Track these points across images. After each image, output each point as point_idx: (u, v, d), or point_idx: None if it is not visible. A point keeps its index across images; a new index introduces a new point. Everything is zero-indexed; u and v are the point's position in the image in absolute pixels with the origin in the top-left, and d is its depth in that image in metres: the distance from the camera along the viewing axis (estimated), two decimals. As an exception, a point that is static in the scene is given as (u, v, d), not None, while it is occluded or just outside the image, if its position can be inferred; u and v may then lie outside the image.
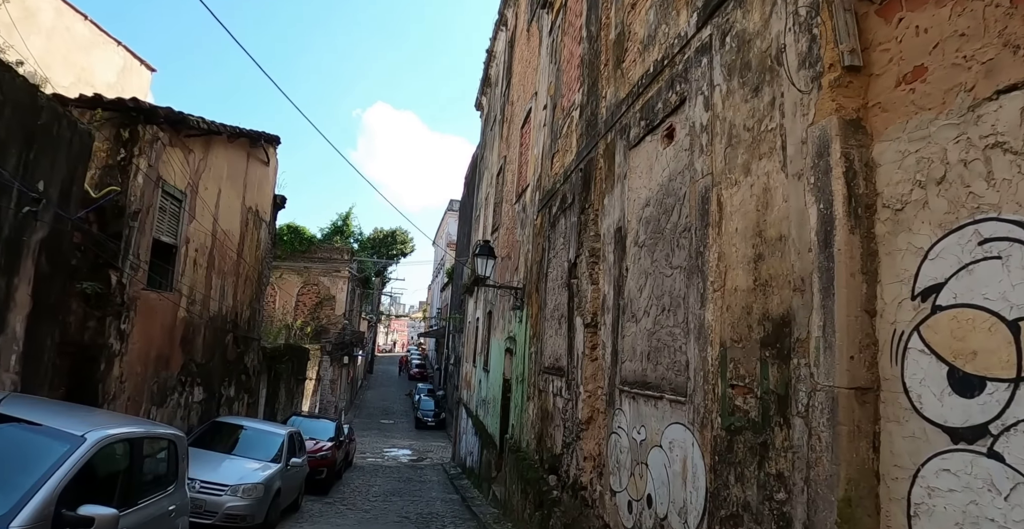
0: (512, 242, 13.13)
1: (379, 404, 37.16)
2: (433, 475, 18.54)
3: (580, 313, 6.83)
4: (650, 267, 4.98)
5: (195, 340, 9.76)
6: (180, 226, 9.04)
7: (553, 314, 8.22)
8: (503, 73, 18.47)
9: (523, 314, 10.59)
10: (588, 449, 6.25)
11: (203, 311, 10.06)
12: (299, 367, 18.92)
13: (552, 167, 9.56)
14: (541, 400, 8.52)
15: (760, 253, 3.46)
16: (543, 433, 8.27)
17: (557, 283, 8.16)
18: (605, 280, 6.17)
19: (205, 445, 8.76)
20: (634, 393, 5.00)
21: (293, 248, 29.19)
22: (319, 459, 12.97)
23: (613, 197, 6.14)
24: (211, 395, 10.69)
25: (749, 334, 3.46)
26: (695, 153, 4.35)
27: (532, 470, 8.45)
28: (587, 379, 6.37)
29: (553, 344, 8.07)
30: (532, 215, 10.81)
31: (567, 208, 7.94)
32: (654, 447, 4.52)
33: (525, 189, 12.16)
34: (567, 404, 7.09)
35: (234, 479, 7.72)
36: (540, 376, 8.68)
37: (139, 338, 7.89)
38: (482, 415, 15.72)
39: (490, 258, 10.74)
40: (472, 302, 21.39)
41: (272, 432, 9.58)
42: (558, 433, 7.45)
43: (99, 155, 7.61)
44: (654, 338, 4.74)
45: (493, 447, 12.91)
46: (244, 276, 12.19)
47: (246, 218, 12.06)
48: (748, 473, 3.34)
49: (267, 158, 13.18)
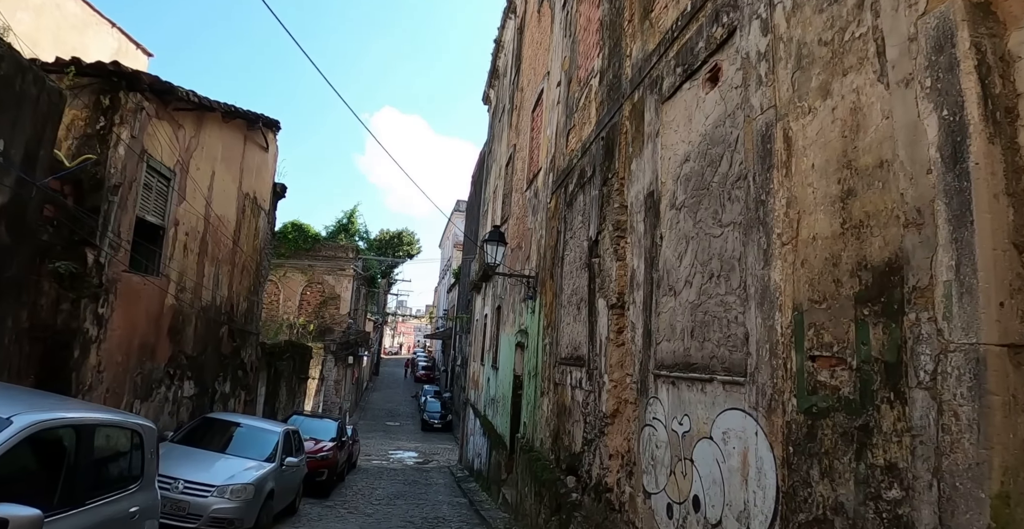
0: (523, 231, 12.46)
1: (385, 406, 36.49)
2: (439, 478, 17.85)
3: (603, 294, 6.13)
4: (692, 230, 4.28)
5: (185, 330, 9.11)
6: (168, 206, 8.41)
7: (571, 300, 7.52)
8: (512, 62, 17.92)
9: (536, 304, 9.90)
10: (614, 446, 5.54)
11: (194, 300, 9.42)
12: (301, 365, 18.27)
13: (567, 144, 8.89)
14: (557, 394, 7.81)
15: (850, 188, 2.75)
16: (559, 430, 7.56)
17: (575, 266, 7.47)
18: (633, 254, 5.47)
19: (193, 442, 8.10)
20: (674, 378, 4.30)
21: (297, 246, 28.63)
22: (319, 460, 12.29)
23: (642, 160, 5.45)
24: (203, 390, 10.04)
25: (837, 290, 2.75)
26: (750, 88, 3.66)
27: (547, 471, 7.73)
28: (612, 367, 5.66)
29: (571, 332, 7.37)
30: (545, 199, 10.14)
31: (586, 183, 7.26)
32: (702, 440, 3.81)
33: (537, 174, 11.50)
34: (588, 396, 6.38)
35: (222, 479, 7.04)
36: (556, 368, 7.97)
37: (120, 324, 7.25)
38: (491, 415, 15.01)
39: (500, 245, 10.04)
40: (480, 299, 20.73)
41: (267, 429, 8.90)
42: (577, 429, 6.74)
43: (77, 124, 7.00)
44: (699, 311, 4.04)
45: (503, 448, 12.20)
46: (241, 266, 11.56)
47: (243, 204, 11.44)
48: (840, 466, 2.63)
49: (266, 143, 12.58)
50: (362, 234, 31.57)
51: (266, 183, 12.84)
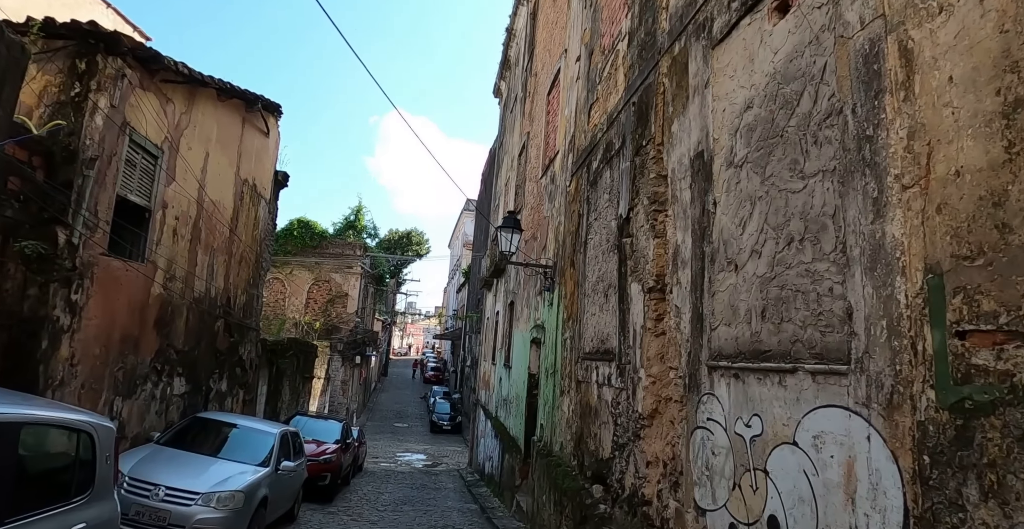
0: (538, 221, 11.71)
1: (393, 407, 35.81)
2: (449, 482, 17.12)
3: (637, 278, 5.37)
4: (759, 189, 3.51)
5: (175, 323, 8.43)
6: (155, 187, 7.73)
7: (596, 287, 6.76)
8: (524, 48, 17.26)
9: (554, 296, 9.14)
10: (653, 451, 4.77)
11: (186, 290, 8.74)
12: (305, 364, 17.60)
13: (589, 120, 8.15)
14: (580, 393, 7.05)
15: (1018, 98, 1.99)
16: (583, 433, 6.79)
17: (601, 249, 6.71)
18: (677, 227, 4.71)
19: (181, 445, 7.40)
20: (737, 370, 3.52)
21: (304, 243, 28.03)
22: (322, 463, 11.58)
23: (686, 119, 4.68)
24: (196, 388, 9.35)
25: (1003, 239, 1.98)
26: (843, 2, 2.90)
27: (569, 478, 6.96)
28: (650, 360, 4.90)
29: (597, 323, 6.60)
30: (563, 183, 9.39)
31: (613, 157, 6.50)
32: (781, 445, 3.04)
33: (553, 158, 10.76)
34: (619, 395, 5.62)
35: (207, 485, 6.32)
36: (578, 364, 7.21)
37: (97, 313, 6.56)
38: (503, 416, 14.25)
39: (516, 231, 9.29)
40: (491, 296, 20.00)
41: (262, 431, 8.19)
42: (606, 432, 5.98)
43: (50, 91, 6.33)
44: (772, 286, 3.27)
45: (516, 451, 11.43)
46: (239, 256, 10.89)
47: (241, 191, 10.77)
48: (1018, 483, 1.85)
49: (267, 128, 11.91)
50: (370, 231, 30.93)
51: (266, 170, 12.18)
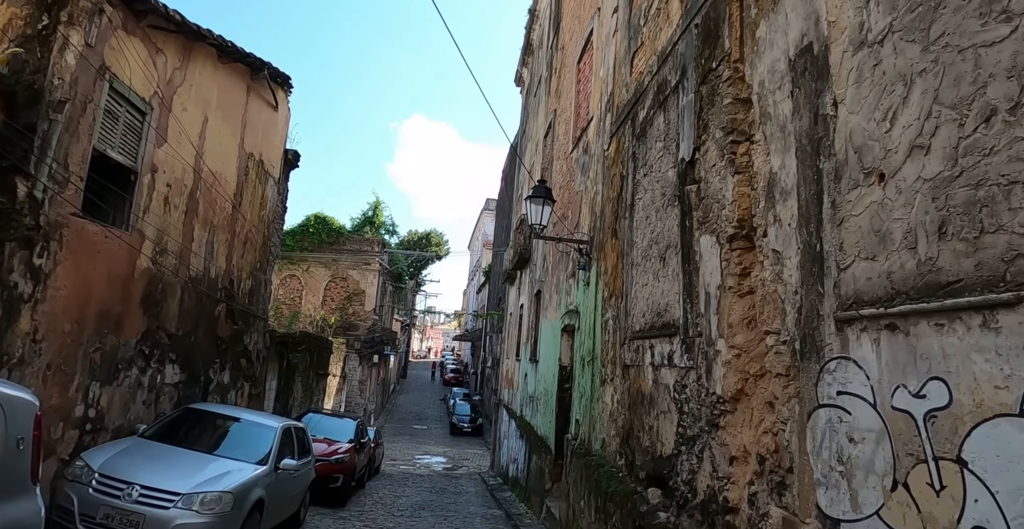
0: (569, 199, 10.70)
1: (412, 409, 34.92)
2: (470, 485, 16.10)
3: (709, 229, 4.32)
4: (919, 60, 2.45)
5: (166, 302, 7.55)
6: (143, 146, 6.87)
7: (648, 253, 5.72)
8: (549, 26, 16.36)
9: (591, 274, 8.10)
10: (739, 443, 3.71)
11: (180, 267, 7.86)
12: (320, 360, 16.73)
13: (632, 70, 7.14)
14: (628, 380, 5.99)
15: None
16: (633, 427, 5.73)
17: (654, 207, 5.66)
18: (772, 151, 3.65)
19: (168, 438, 6.49)
20: (895, 316, 2.46)
21: (320, 239, 27.33)
22: (333, 464, 10.63)
23: (780, 14, 3.64)
24: (193, 378, 8.46)
25: None
26: None
27: (615, 481, 5.91)
28: (732, 328, 3.84)
29: (651, 294, 5.55)
30: (600, 149, 8.38)
31: (668, 96, 5.47)
32: (993, 419, 1.98)
33: (586, 127, 9.77)
34: (685, 376, 4.56)
35: (191, 485, 5.37)
36: (626, 346, 6.16)
37: (68, 283, 5.68)
38: (529, 415, 13.20)
39: (547, 202, 8.26)
40: (514, 290, 19.00)
41: (262, 425, 7.23)
42: (665, 423, 4.92)
43: (16, 24, 5.48)
44: (958, 188, 2.21)
45: (546, 452, 10.37)
46: (243, 236, 10.02)
47: (246, 165, 9.91)
48: None
49: (275, 102, 11.07)
50: (388, 227, 30.11)
51: (275, 147, 11.33)
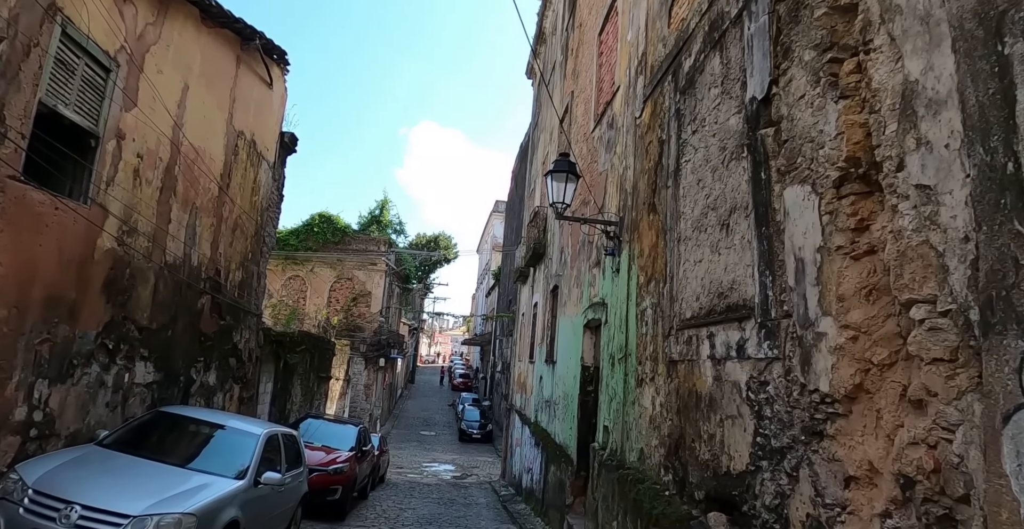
0: (591, 181, 9.70)
1: (420, 414, 33.91)
2: (480, 496, 15.08)
3: (799, 177, 3.31)
4: None
5: (136, 290, 6.60)
6: (107, 107, 5.93)
7: (703, 222, 4.71)
8: (564, 7, 15.45)
9: (620, 260, 7.09)
10: (862, 457, 2.69)
11: (153, 250, 6.92)
12: (321, 362, 15.77)
13: (671, 21, 6.17)
14: (677, 378, 4.97)
15: None
16: (684, 434, 4.71)
17: (710, 166, 4.65)
18: (905, 55, 2.64)
19: (131, 447, 5.52)
20: None
21: (325, 239, 26.46)
22: (331, 474, 9.64)
23: None
24: (171, 378, 7.51)
25: None
26: None
27: (660, 500, 4.88)
28: (844, 302, 2.83)
29: (708, 272, 4.54)
30: (630, 119, 7.39)
31: (726, 31, 4.47)
32: None
33: (610, 101, 8.79)
34: (766, 370, 3.54)
35: (143, 506, 4.40)
36: (672, 338, 5.14)
37: (4, 259, 4.74)
38: (545, 421, 12.17)
39: (571, 177, 7.23)
40: (526, 289, 18.00)
41: (243, 431, 6.24)
42: (735, 431, 3.89)
43: (-61, -50, 4.55)
44: None
45: (566, 462, 9.34)
46: (232, 222, 9.09)
47: (235, 144, 8.99)
48: None
49: (269, 78, 10.17)
50: (395, 226, 29.17)
51: (269, 128, 10.42)
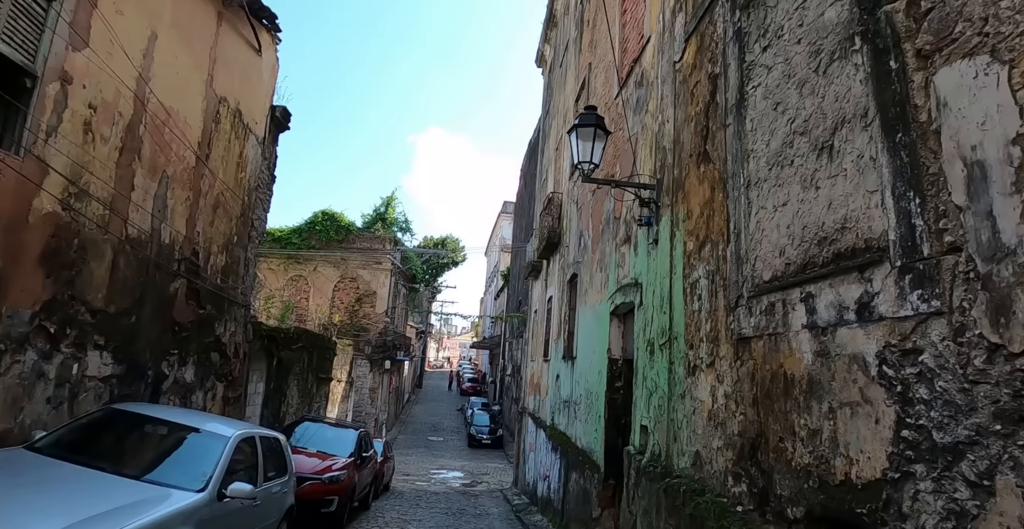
0: (615, 152, 8.65)
1: (427, 419, 32.83)
2: (492, 505, 13.98)
3: (960, 51, 2.24)
4: None
5: (87, 266, 5.59)
6: (47, 43, 4.94)
7: (785, 155, 3.62)
8: (579, -18, 14.45)
9: (659, 229, 6.02)
10: None
11: (111, 221, 5.91)
12: (321, 362, 14.74)
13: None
14: (754, 358, 3.89)
15: None
16: (767, 431, 3.61)
17: (795, 81, 3.57)
18: None
19: (71, 452, 4.49)
20: None
21: (329, 237, 25.54)
22: (327, 484, 8.59)
23: None
24: (136, 372, 6.48)
25: None
26: None
27: (731, 518, 3.78)
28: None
29: (798, 215, 3.46)
30: (666, 68, 6.34)
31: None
32: None
33: (637, 58, 7.75)
34: (914, 334, 2.46)
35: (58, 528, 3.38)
36: (742, 310, 4.06)
37: None
38: (564, 423, 11.07)
39: (599, 134, 6.15)
40: (539, 283, 16.94)
41: (210, 433, 5.17)
42: (856, 424, 2.80)
43: None
44: None
45: (591, 469, 8.24)
46: (213, 199, 8.08)
47: (216, 110, 8.00)
48: None
49: (258, 44, 9.20)
50: (401, 224, 28.18)
51: (258, 99, 9.43)
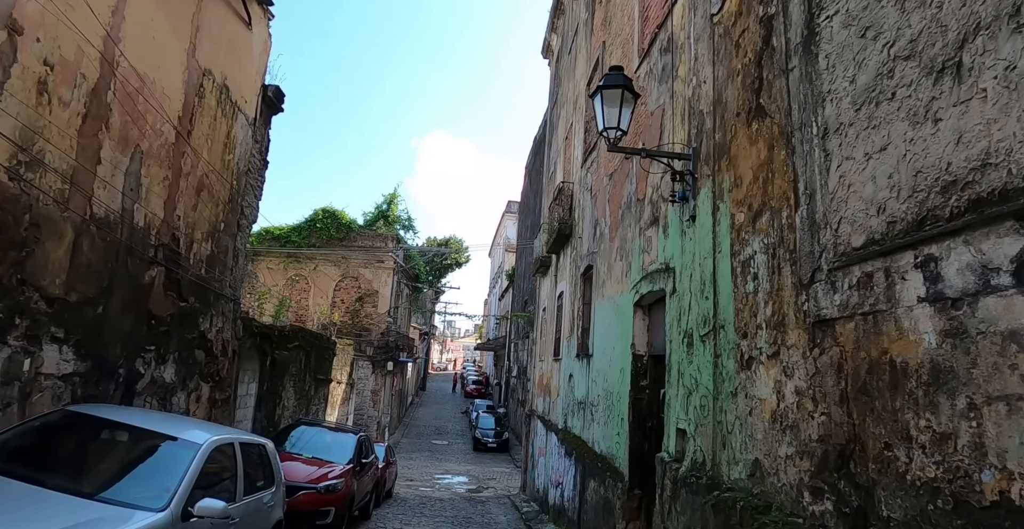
0: (638, 128, 7.86)
1: (431, 423, 32.08)
2: (500, 513, 13.24)
3: None
4: None
5: (42, 247, 4.87)
6: (-16, -15, 4.23)
7: (880, 90, 2.86)
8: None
9: (696, 204, 5.27)
10: None
11: (71, 196, 5.19)
12: (319, 362, 14.01)
13: None
14: (839, 345, 3.13)
15: None
16: (863, 436, 2.86)
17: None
18: None
19: (11, 463, 3.77)
20: None
21: (330, 235, 24.84)
22: (323, 493, 7.85)
23: None
24: (104, 370, 5.75)
25: None
26: None
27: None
28: None
29: (907, 160, 2.70)
30: (700, 25, 5.60)
31: None
32: None
33: (663, 22, 7.00)
34: None
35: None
36: (819, 287, 3.31)
37: None
38: (578, 427, 10.31)
39: (627, 97, 5.41)
40: (547, 280, 16.20)
41: (179, 440, 4.43)
42: (1018, 421, 2.05)
43: None
44: None
45: (612, 476, 7.47)
46: (196, 181, 7.36)
47: (199, 83, 7.29)
48: None
49: (248, 17, 8.50)
50: (404, 222, 27.47)
51: (247, 76, 8.73)
